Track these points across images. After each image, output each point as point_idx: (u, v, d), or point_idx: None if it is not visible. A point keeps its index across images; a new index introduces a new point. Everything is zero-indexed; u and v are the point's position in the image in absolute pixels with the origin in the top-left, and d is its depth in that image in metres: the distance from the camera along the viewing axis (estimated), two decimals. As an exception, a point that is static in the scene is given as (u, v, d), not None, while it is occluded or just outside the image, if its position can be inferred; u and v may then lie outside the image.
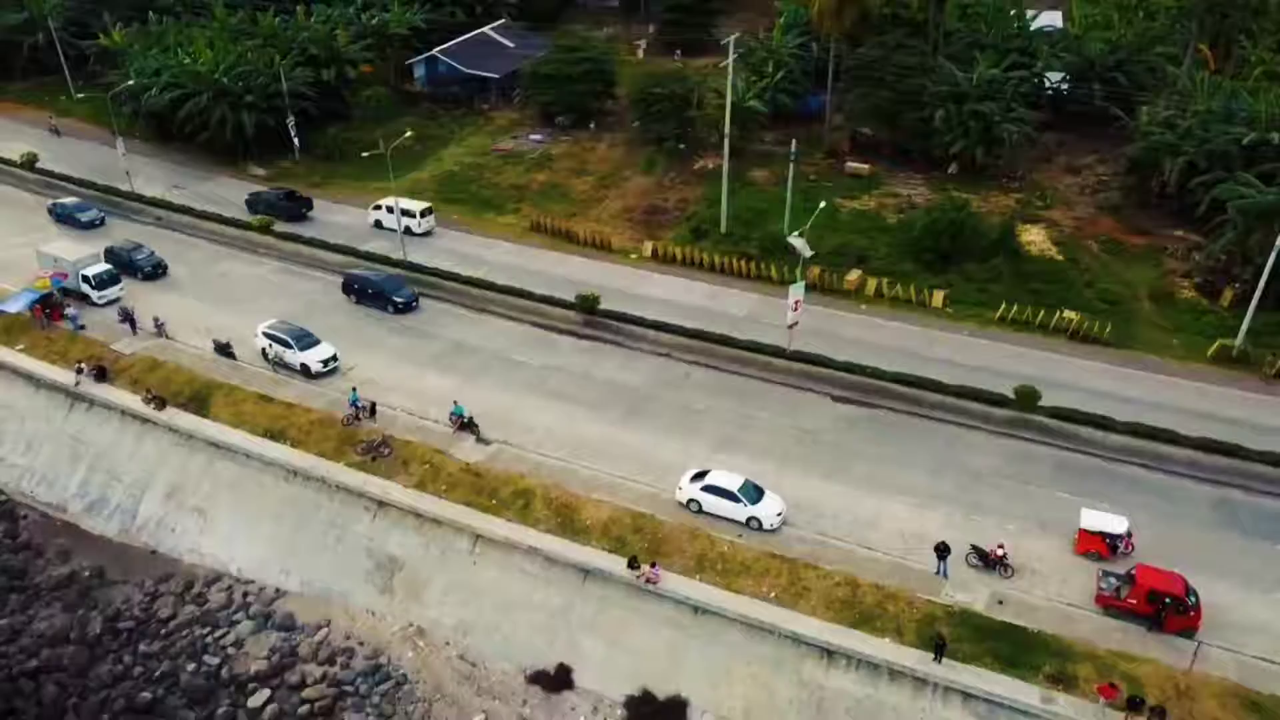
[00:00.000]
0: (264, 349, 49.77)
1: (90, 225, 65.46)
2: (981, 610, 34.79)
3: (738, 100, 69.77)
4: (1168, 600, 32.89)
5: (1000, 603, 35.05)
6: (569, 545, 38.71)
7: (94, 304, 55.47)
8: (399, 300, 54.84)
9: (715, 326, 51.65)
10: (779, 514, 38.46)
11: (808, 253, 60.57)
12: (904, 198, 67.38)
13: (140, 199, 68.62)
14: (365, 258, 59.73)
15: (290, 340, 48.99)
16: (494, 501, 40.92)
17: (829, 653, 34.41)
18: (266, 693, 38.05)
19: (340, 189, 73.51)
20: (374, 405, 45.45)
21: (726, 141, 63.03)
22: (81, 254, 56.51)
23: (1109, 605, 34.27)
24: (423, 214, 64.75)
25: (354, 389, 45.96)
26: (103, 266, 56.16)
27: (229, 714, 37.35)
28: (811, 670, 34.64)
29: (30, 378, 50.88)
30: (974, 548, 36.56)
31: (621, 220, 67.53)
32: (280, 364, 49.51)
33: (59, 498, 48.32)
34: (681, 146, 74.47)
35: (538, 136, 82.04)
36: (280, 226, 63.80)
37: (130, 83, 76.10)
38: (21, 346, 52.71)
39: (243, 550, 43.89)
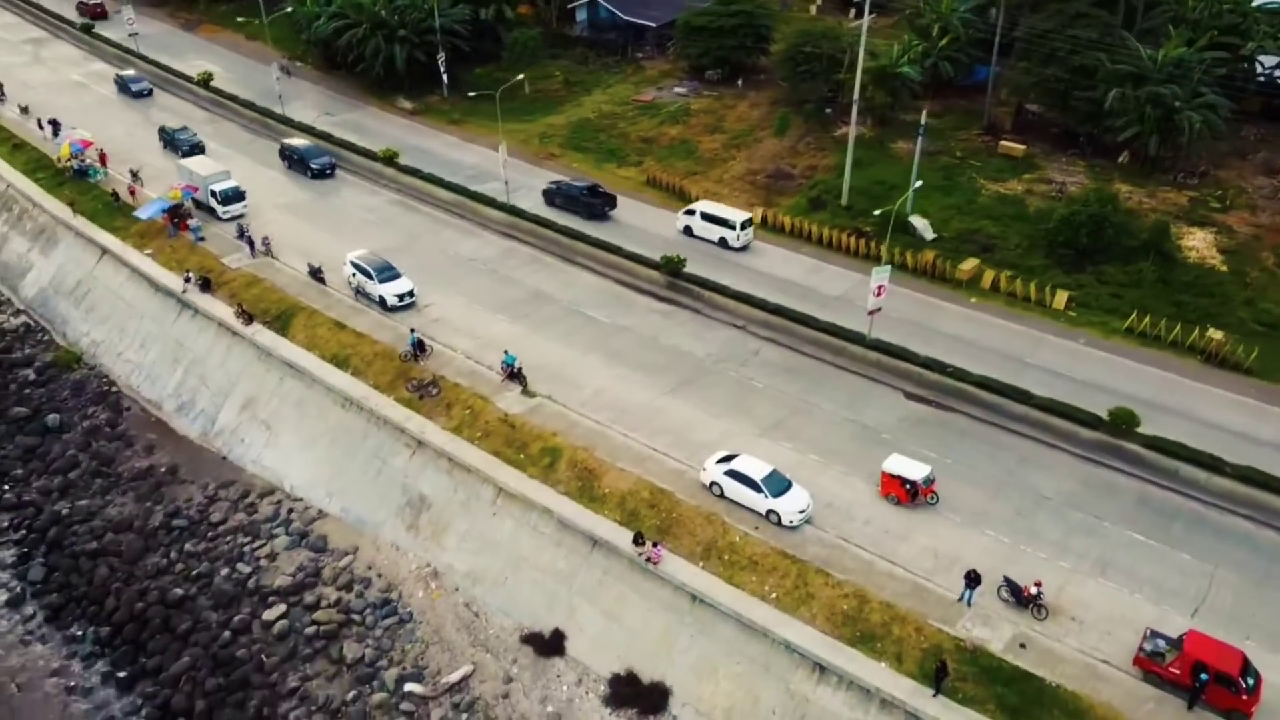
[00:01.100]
0: (349, 277, 51.06)
1: (139, 95, 77.95)
2: (997, 651, 31.10)
3: (888, 64, 65.15)
4: (1212, 675, 28.18)
5: (1022, 646, 31.21)
6: (582, 511, 37.63)
7: (218, 218, 58.66)
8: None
9: (804, 305, 48.66)
10: (801, 511, 35.78)
11: (929, 235, 56.26)
12: (1057, 185, 60.77)
13: (288, 122, 71.84)
14: (472, 197, 60.07)
15: (372, 271, 49.96)
16: (522, 455, 40.31)
17: (821, 667, 31.79)
18: (283, 608, 39.38)
19: (476, 128, 74.25)
20: (424, 344, 45.64)
21: (855, 107, 58.94)
22: (214, 170, 59.75)
23: (1149, 670, 29.82)
24: (743, 226, 55.08)
25: (412, 330, 46.32)
26: (230, 183, 59.20)
27: (244, 622, 38.93)
28: (800, 682, 32.18)
29: (151, 281, 54.48)
30: (1007, 580, 32.69)
31: (742, 183, 64.67)
32: (361, 293, 50.70)
33: (157, 395, 51.76)
34: (828, 111, 70.40)
35: (682, 89, 79.83)
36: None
37: (303, 9, 79.86)
38: (149, 251, 56.53)
39: (297, 468, 45.51)
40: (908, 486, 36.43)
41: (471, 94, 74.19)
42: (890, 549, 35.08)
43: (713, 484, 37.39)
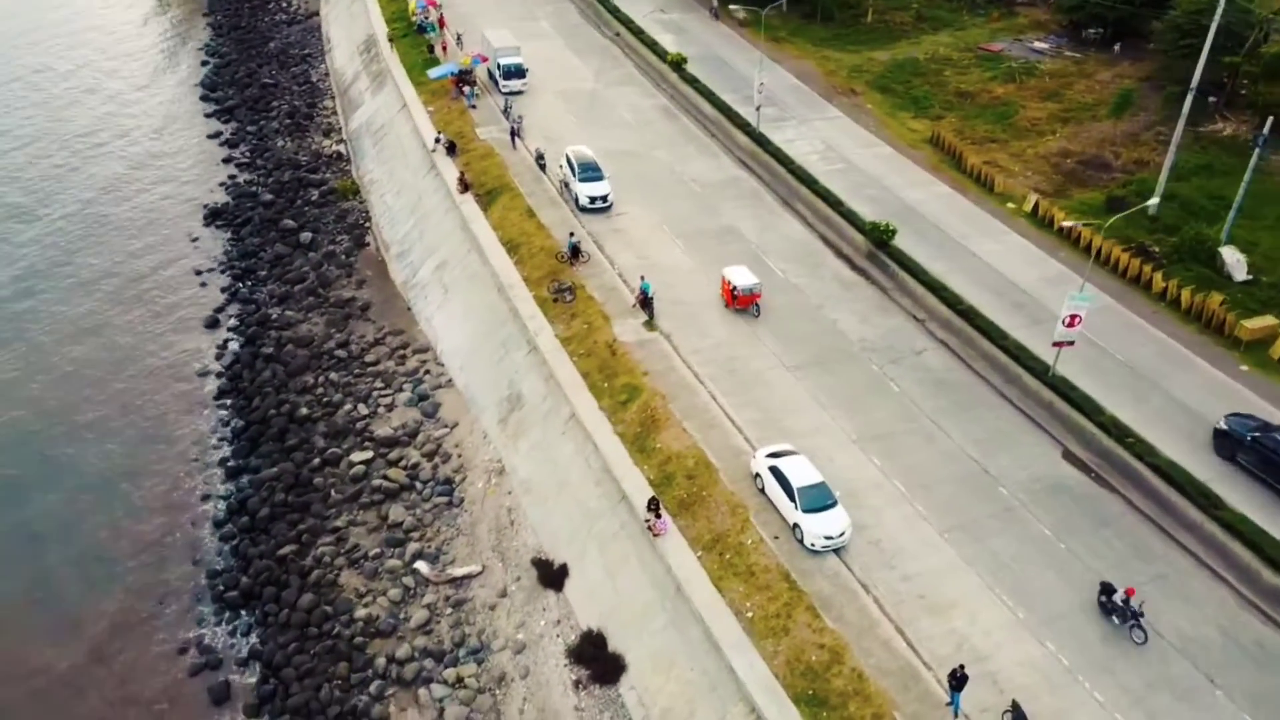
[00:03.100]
0: (559, 167, 51.51)
1: None
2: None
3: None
4: None
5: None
6: (624, 458, 35.59)
7: (498, 90, 61.68)
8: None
9: (1009, 316, 41.12)
10: (829, 537, 30.82)
11: (1240, 274, 44.73)
12: None
13: (615, 13, 72.95)
14: (729, 117, 57.26)
15: (576, 167, 49.89)
16: (605, 385, 38.82)
17: (757, 714, 27.78)
18: (369, 455, 42.12)
19: (793, 49, 70.31)
20: (579, 249, 44.96)
21: (1189, 96, 47.16)
22: (506, 43, 62.54)
23: None
24: None
25: (571, 234, 45.75)
26: (516, 60, 61.70)
27: (336, 456, 42.25)
28: (735, 717, 28.39)
29: (419, 135, 59.05)
30: (1015, 706, 25.94)
31: (1044, 163, 55.16)
32: (565, 186, 50.96)
33: (390, 238, 56.69)
34: (1212, 100, 57.50)
35: (1043, 45, 69.38)
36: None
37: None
38: (431, 109, 61.14)
39: (449, 336, 47.79)
40: (734, 292, 39.31)
41: (808, 13, 70.12)
42: (909, 615, 29.22)
43: (756, 475, 33.43)
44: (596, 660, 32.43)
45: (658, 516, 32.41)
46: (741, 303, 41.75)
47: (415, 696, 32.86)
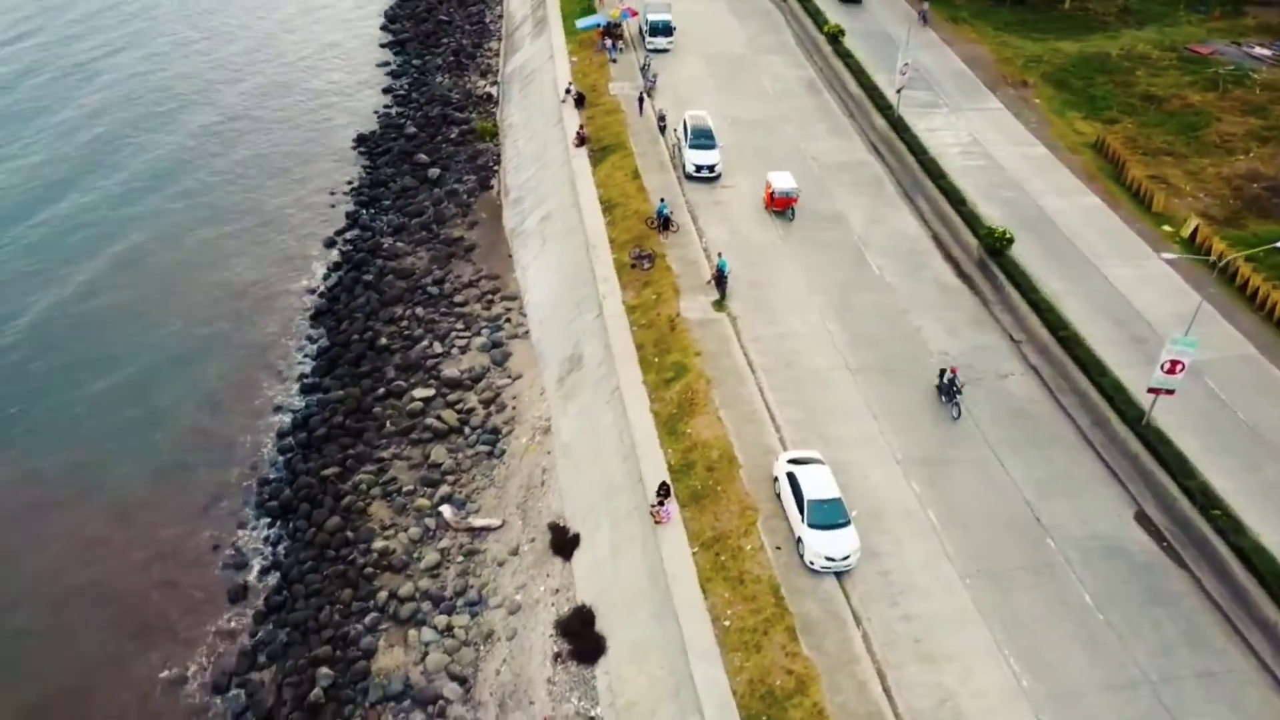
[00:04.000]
0: (674, 130, 50.05)
1: None
2: None
3: None
4: None
5: None
6: (650, 438, 34.35)
7: (644, 46, 60.52)
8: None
9: (1126, 353, 36.79)
10: (831, 559, 28.53)
11: None
12: None
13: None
14: (871, 97, 53.67)
15: (689, 134, 48.23)
16: (656, 360, 37.54)
17: (708, 724, 26.30)
18: (430, 393, 42.76)
19: (970, 32, 65.20)
20: (669, 219, 43.48)
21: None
22: (658, 1, 61.20)
23: None
24: None
25: (662, 200, 44.25)
26: (664, 16, 60.31)
27: (400, 389, 43.14)
28: (689, 725, 27.03)
29: (556, 85, 58.88)
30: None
31: (1224, 186, 48.75)
32: (677, 150, 49.44)
33: (511, 183, 57.07)
34: None
35: (1264, 51, 61.28)
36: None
37: None
38: (575, 59, 60.83)
39: (536, 288, 47.69)
40: (775, 193, 42.65)
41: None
42: (895, 661, 26.66)
43: (776, 479, 31.38)
44: (580, 637, 31.64)
45: (661, 504, 31.06)
46: (778, 204, 44.30)
47: (404, 636, 33.25)
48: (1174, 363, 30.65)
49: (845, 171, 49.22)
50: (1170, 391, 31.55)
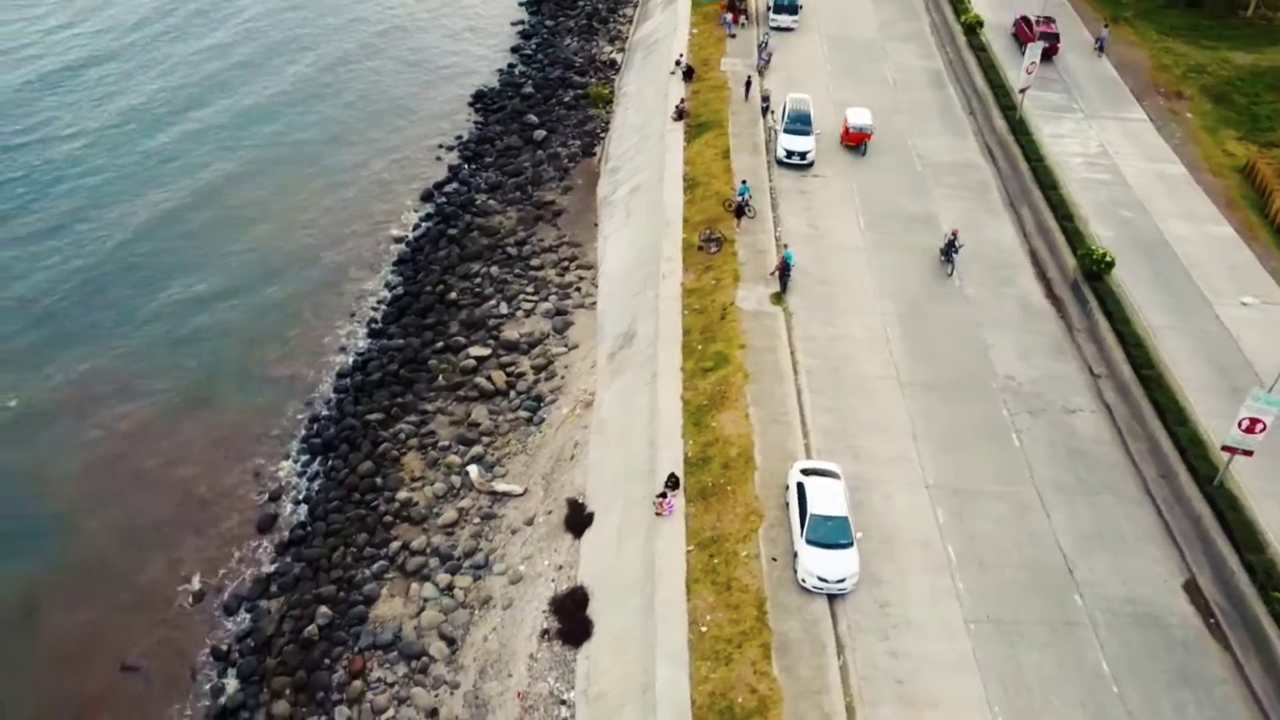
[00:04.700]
0: (772, 111, 48.22)
1: None
2: None
3: None
4: None
5: None
6: (673, 426, 33.25)
7: (769, 24, 58.48)
8: None
9: (1220, 403, 33.19)
10: (824, 580, 26.83)
11: None
12: None
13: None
14: (995, 94, 50.01)
15: (785, 118, 46.23)
16: (700, 347, 36.29)
17: (662, 731, 25.33)
18: (486, 353, 42.86)
19: (1132, 35, 59.77)
20: (744, 206, 41.80)
21: None
22: (783, -22, 58.98)
23: None
24: None
25: (744, 181, 42.55)
26: (792, -5, 58.00)
27: (458, 345, 43.40)
28: (647, 727, 26.11)
29: (672, 56, 57.68)
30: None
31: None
32: (774, 133, 47.55)
33: (613, 152, 56.29)
34: None
35: None
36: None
37: None
38: (696, 30, 59.39)
39: (612, 259, 46.98)
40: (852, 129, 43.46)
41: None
42: (871, 698, 24.85)
43: (787, 487, 29.76)
44: (570, 618, 31.05)
45: (664, 495, 30.02)
46: (852, 139, 46.06)
47: (407, 588, 33.58)
48: (1253, 420, 27.18)
49: (950, 172, 46.10)
50: (1248, 452, 28.07)
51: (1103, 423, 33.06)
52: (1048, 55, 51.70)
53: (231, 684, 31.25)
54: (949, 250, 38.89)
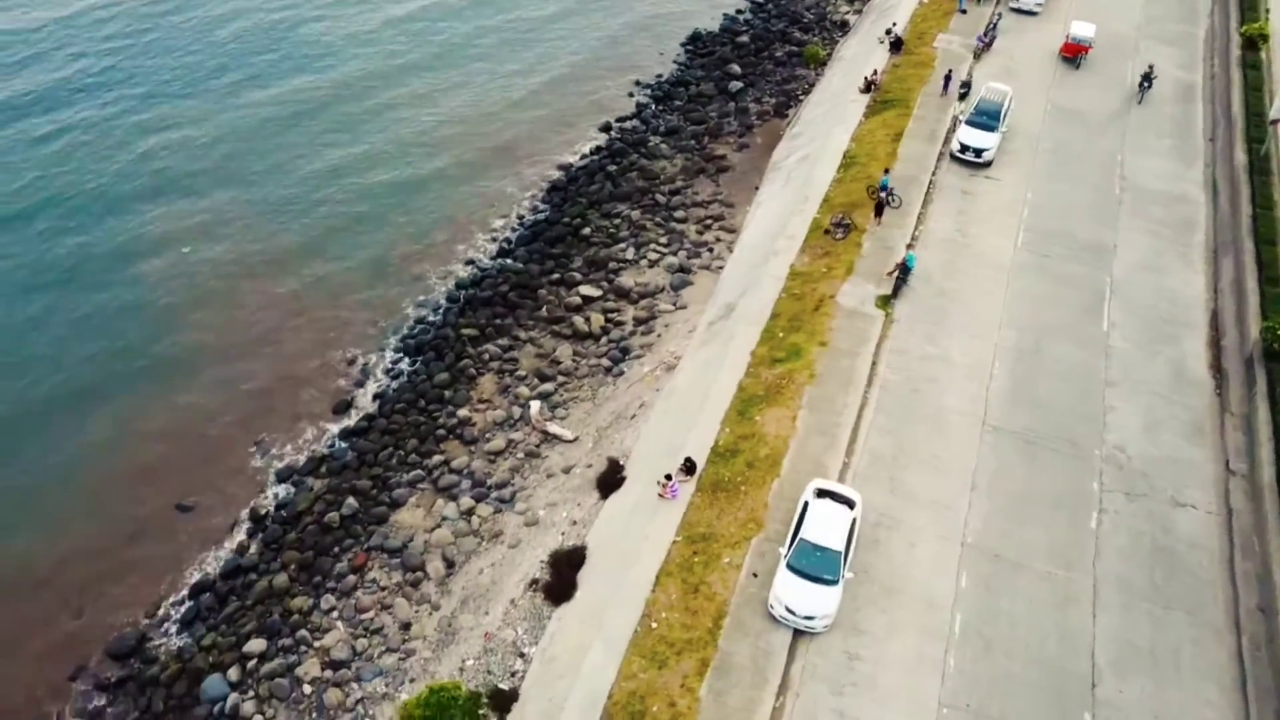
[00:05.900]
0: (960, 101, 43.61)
1: None
2: None
3: None
4: None
5: None
6: (718, 410, 31.23)
7: (1008, 3, 52.71)
8: None
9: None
10: (791, 613, 24.29)
11: None
12: None
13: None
14: (1249, 119, 42.34)
15: (973, 109, 41.44)
16: (779, 335, 33.71)
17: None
18: (595, 294, 42.30)
19: None
20: (884, 203, 37.89)
21: None
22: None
23: None
24: None
25: (886, 171, 38.59)
26: (1046, -24, 51.59)
27: (572, 281, 42.96)
28: (565, 709, 25.07)
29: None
30: None
31: None
32: (957, 122, 42.84)
33: (803, 116, 53.21)
34: None
35: None
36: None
37: None
38: (926, 1, 54.53)
39: (755, 227, 44.46)
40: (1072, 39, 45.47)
41: None
42: (788, 752, 22.43)
43: (799, 503, 27.14)
44: (560, 576, 30.27)
45: (669, 478, 28.32)
46: (1069, 50, 47.34)
47: (433, 502, 34.13)
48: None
49: (1155, 201, 39.59)
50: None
51: (1214, 528, 27.54)
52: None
53: (255, 546, 33.15)
54: (1145, 80, 43.41)
